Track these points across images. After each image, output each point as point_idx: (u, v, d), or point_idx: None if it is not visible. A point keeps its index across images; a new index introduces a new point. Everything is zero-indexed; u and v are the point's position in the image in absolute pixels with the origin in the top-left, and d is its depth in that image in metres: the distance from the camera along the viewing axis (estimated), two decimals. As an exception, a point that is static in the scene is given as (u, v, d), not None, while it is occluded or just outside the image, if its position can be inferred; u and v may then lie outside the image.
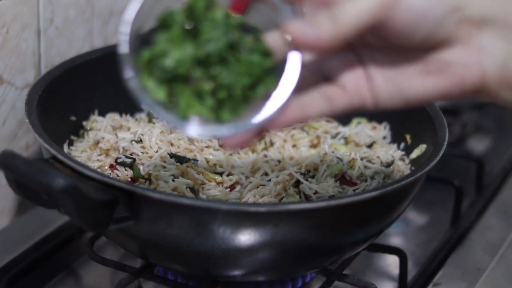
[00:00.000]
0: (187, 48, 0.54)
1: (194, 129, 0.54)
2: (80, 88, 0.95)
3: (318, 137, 0.95)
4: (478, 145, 1.23)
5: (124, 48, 0.55)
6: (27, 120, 0.81)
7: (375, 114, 0.99)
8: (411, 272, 0.92)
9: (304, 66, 0.58)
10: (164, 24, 0.55)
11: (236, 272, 0.80)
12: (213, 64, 0.54)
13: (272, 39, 0.56)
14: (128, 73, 0.54)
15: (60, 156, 0.76)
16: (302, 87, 0.57)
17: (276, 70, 0.56)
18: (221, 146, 0.89)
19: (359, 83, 0.58)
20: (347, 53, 0.59)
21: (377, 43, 0.58)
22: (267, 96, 0.55)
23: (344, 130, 0.98)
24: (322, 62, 0.59)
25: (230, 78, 0.54)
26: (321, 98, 0.57)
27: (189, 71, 0.54)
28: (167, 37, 0.55)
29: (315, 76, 0.59)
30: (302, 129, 0.97)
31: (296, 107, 0.55)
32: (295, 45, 0.53)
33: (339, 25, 0.53)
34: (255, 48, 0.55)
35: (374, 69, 0.58)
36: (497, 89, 0.56)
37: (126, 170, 0.85)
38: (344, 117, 1.01)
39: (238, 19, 0.55)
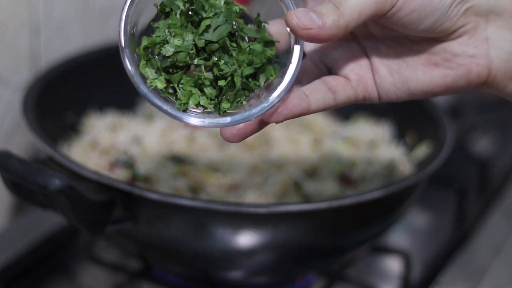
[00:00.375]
0: (187, 36, 0.53)
1: (193, 119, 0.53)
2: (78, 87, 0.94)
3: (318, 137, 0.95)
4: (481, 145, 1.23)
5: (123, 36, 0.54)
6: (23, 120, 0.81)
7: (375, 111, 0.99)
8: (414, 273, 0.92)
9: (307, 57, 0.58)
10: (164, 10, 0.54)
11: (236, 274, 0.79)
12: (213, 52, 0.53)
13: (274, 28, 0.55)
14: (127, 62, 0.53)
15: (57, 157, 0.75)
16: (305, 78, 0.57)
17: (278, 60, 0.55)
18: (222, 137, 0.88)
19: (363, 75, 0.57)
20: (351, 44, 0.58)
21: (381, 34, 0.57)
22: (268, 86, 0.54)
23: (345, 130, 0.97)
24: (326, 53, 0.58)
25: (231, 67, 0.53)
26: (324, 89, 0.56)
27: (189, 60, 0.53)
28: (166, 24, 0.54)
29: (318, 67, 0.58)
30: (302, 127, 0.96)
31: (298, 98, 0.54)
32: (297, 35, 0.52)
33: (342, 14, 0.52)
34: (257, 37, 0.54)
35: (378, 61, 0.57)
36: (504, 82, 0.56)
37: (126, 169, 0.85)
38: (344, 112, 1.00)
39: (239, 7, 0.54)
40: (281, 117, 0.54)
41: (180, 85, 0.54)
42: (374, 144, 0.95)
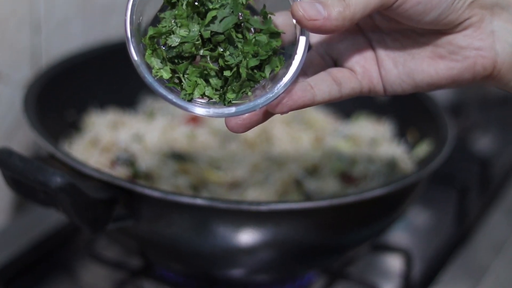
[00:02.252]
0: (193, 26, 0.53)
1: (198, 109, 0.53)
2: (79, 85, 0.94)
3: (319, 134, 0.95)
4: (482, 144, 1.23)
5: (129, 26, 0.53)
6: (24, 118, 0.81)
7: (376, 109, 0.99)
8: (415, 271, 0.92)
9: (313, 49, 0.58)
10: (170, 1, 0.54)
11: (237, 272, 0.79)
12: (219, 43, 0.53)
13: (280, 20, 0.55)
14: (133, 52, 0.53)
15: (58, 154, 0.75)
16: (311, 70, 0.57)
17: (284, 51, 0.55)
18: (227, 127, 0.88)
19: (368, 67, 0.57)
20: (357, 36, 0.58)
21: (387, 27, 0.57)
22: (273, 77, 0.54)
23: (346, 128, 0.97)
24: (331, 45, 0.58)
25: (236, 58, 0.53)
26: (329, 81, 0.56)
27: (195, 50, 0.53)
28: (173, 14, 0.54)
29: (324, 59, 0.58)
30: (303, 125, 0.96)
31: (303, 89, 0.54)
32: (303, 26, 0.52)
33: (348, 5, 0.52)
34: (263, 28, 0.54)
35: (384, 53, 0.57)
36: (509, 76, 0.56)
37: (127, 167, 0.85)
38: (345, 110, 1.00)
39: None
40: (286, 107, 0.54)
41: (186, 75, 0.54)
42: (375, 142, 0.95)
